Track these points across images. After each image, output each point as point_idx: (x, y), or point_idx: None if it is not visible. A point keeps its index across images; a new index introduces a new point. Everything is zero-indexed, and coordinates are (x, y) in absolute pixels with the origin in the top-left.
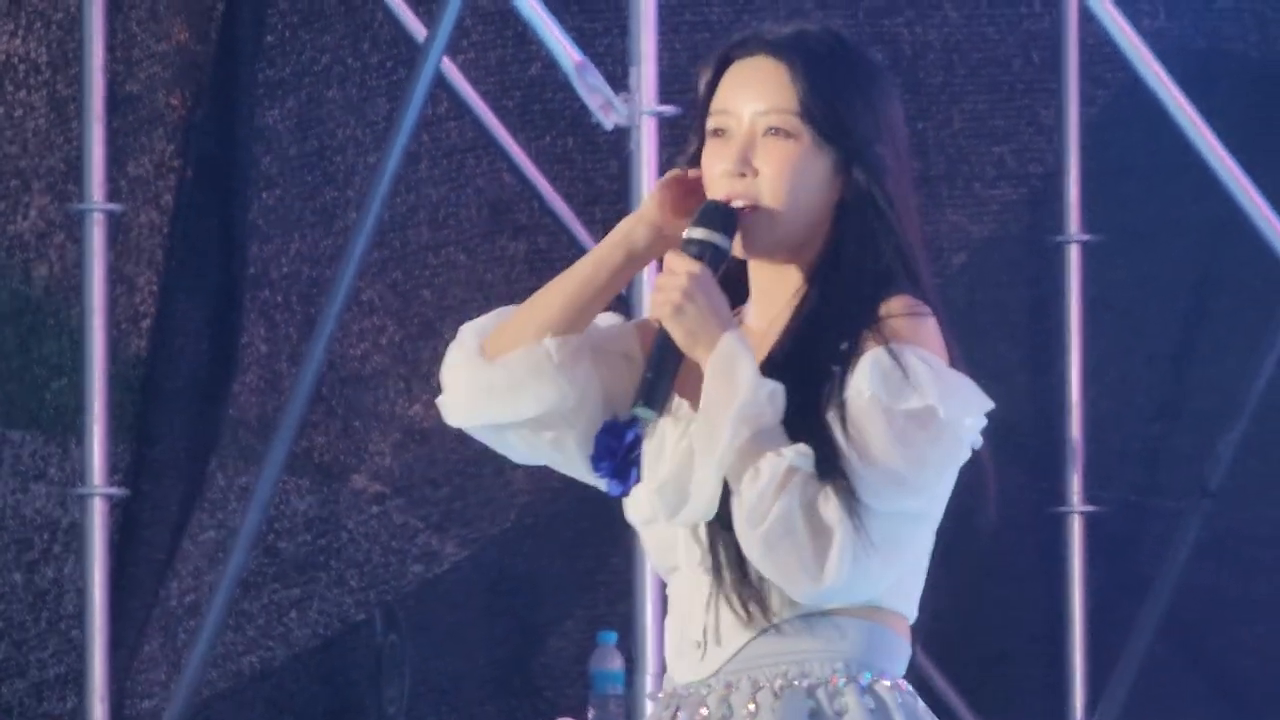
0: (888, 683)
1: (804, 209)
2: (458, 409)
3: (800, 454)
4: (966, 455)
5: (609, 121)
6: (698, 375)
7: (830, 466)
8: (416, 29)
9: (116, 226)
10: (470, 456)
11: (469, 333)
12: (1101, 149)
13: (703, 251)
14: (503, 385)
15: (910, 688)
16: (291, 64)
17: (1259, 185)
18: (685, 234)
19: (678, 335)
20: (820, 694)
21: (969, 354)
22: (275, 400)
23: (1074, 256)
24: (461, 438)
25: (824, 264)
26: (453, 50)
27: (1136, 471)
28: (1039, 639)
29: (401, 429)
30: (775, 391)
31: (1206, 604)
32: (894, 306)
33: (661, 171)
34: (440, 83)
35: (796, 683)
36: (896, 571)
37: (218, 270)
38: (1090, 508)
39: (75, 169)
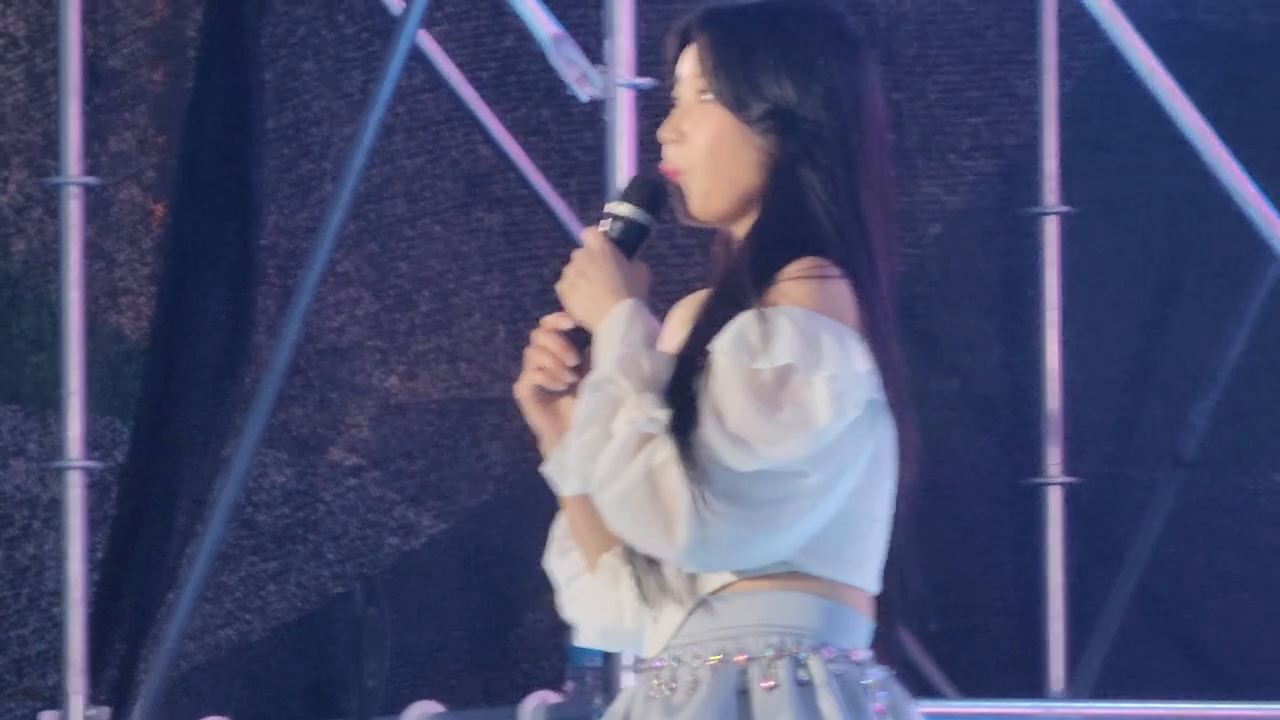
0: (828, 654)
1: (725, 177)
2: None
3: (652, 419)
4: (850, 415)
5: (584, 94)
6: None
7: (683, 431)
8: (392, 1)
9: (96, 201)
10: (447, 429)
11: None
12: (1078, 121)
13: (625, 227)
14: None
15: (865, 658)
16: (267, 36)
17: (1234, 156)
18: (607, 207)
19: (575, 310)
20: (753, 669)
21: (944, 326)
22: (254, 373)
23: (1051, 228)
24: (437, 410)
25: (750, 233)
26: (428, 22)
27: (1111, 442)
28: (1013, 611)
29: (378, 401)
30: (652, 357)
31: (1180, 574)
32: (791, 269)
33: (639, 143)
34: (416, 55)
35: (731, 657)
36: (792, 535)
37: (222, 245)
38: (1068, 478)
39: (54, 144)
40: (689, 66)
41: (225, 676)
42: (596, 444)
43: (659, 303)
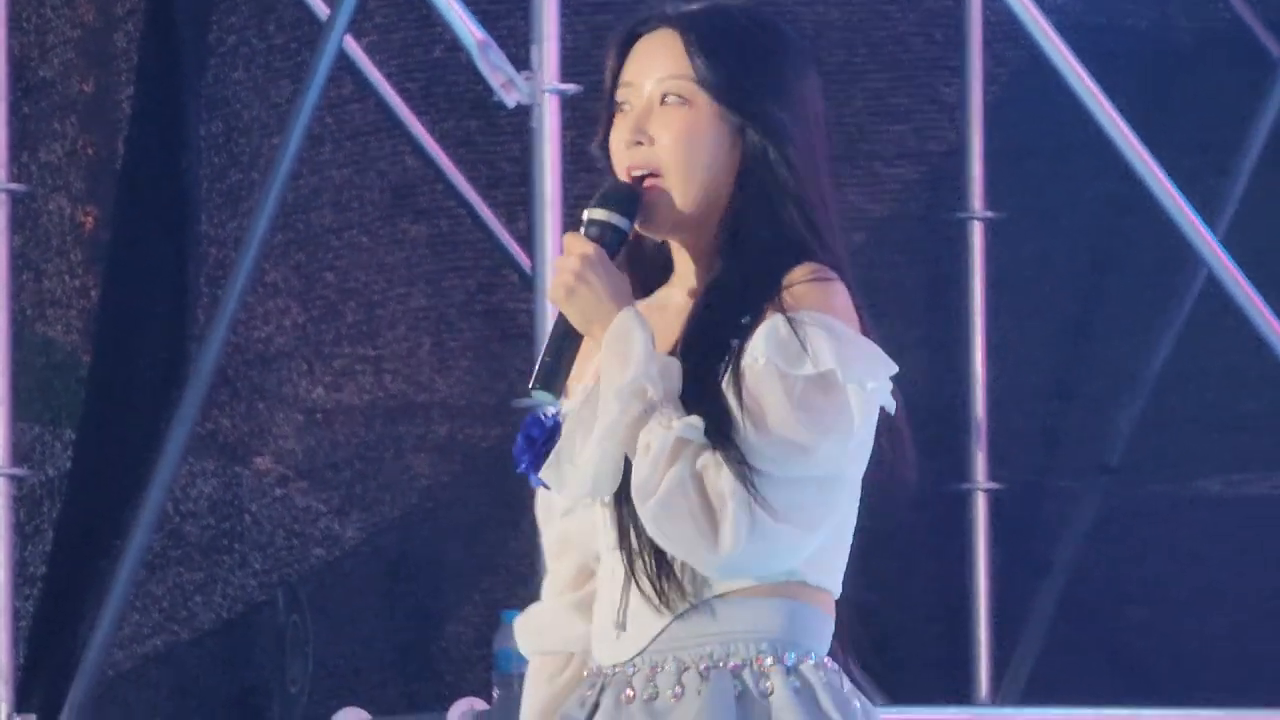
0: (812, 662)
1: (704, 177)
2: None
3: (689, 425)
4: (873, 420)
5: (511, 100)
6: None
7: (724, 437)
8: (320, 9)
9: (25, 213)
10: (371, 440)
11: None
12: (1003, 127)
13: (602, 232)
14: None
15: (835, 665)
16: (199, 45)
17: (1159, 161)
18: (585, 214)
19: (573, 317)
20: (746, 675)
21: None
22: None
23: (976, 234)
24: (363, 421)
25: (729, 235)
26: (356, 32)
27: (1036, 449)
28: (940, 617)
29: (303, 411)
30: (668, 365)
31: (1106, 581)
32: (797, 274)
33: (565, 150)
34: (344, 64)
35: (722, 664)
36: (813, 540)
37: (157, 255)
38: (994, 485)
39: None
40: (649, 67)
41: (151, 684)
42: (626, 452)
43: None
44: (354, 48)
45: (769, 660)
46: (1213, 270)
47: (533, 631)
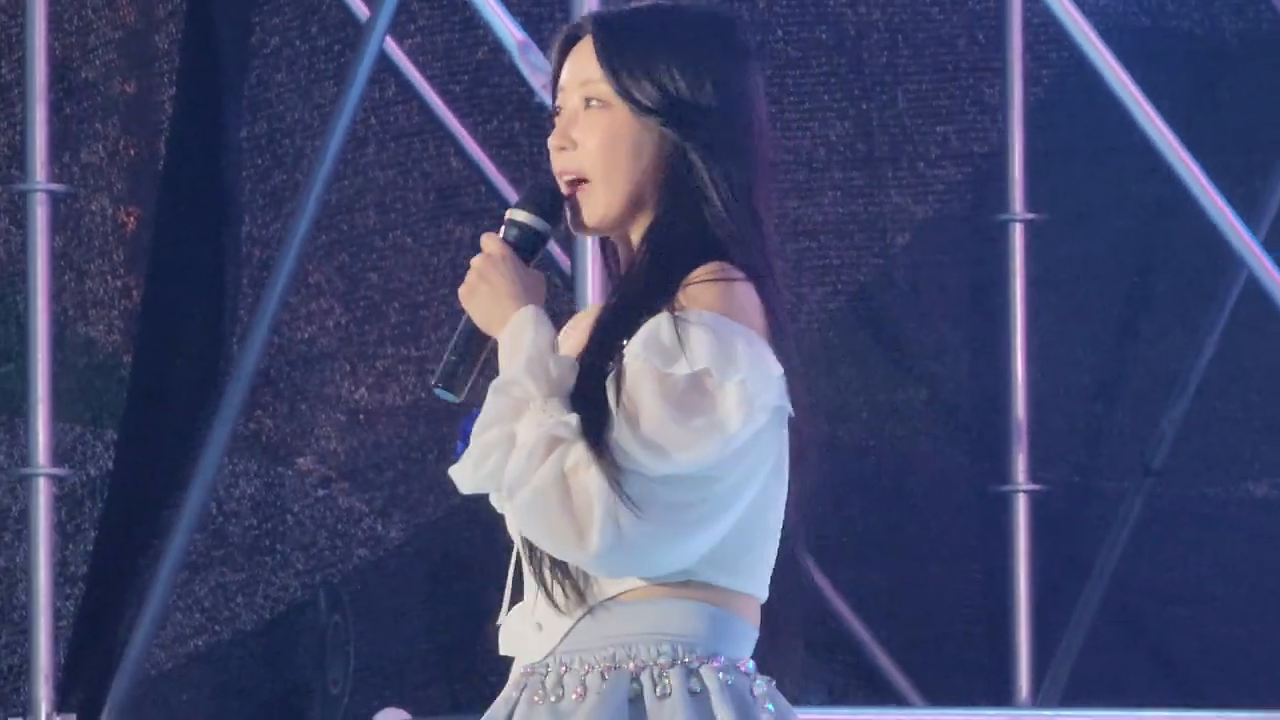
0: (717, 664)
1: (627, 179)
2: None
3: (564, 423)
4: (760, 421)
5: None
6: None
7: (597, 435)
8: (362, 11)
9: (67, 213)
10: (415, 441)
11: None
12: (1046, 128)
13: (521, 234)
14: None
15: (751, 668)
16: (241, 47)
17: (1202, 164)
18: (507, 214)
19: (475, 316)
20: (644, 677)
21: (911, 335)
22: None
23: (1018, 235)
24: (405, 421)
25: (648, 234)
26: (400, 34)
27: (1079, 451)
28: (980, 619)
29: (346, 412)
30: (560, 362)
31: (1149, 583)
32: (697, 273)
33: None
34: (388, 66)
35: (623, 665)
36: (695, 540)
37: (199, 257)
38: (1035, 486)
39: (19, 154)
40: (575, 72)
41: (194, 686)
42: (501, 446)
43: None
44: (396, 50)
45: (669, 661)
46: (1253, 272)
47: (505, 636)
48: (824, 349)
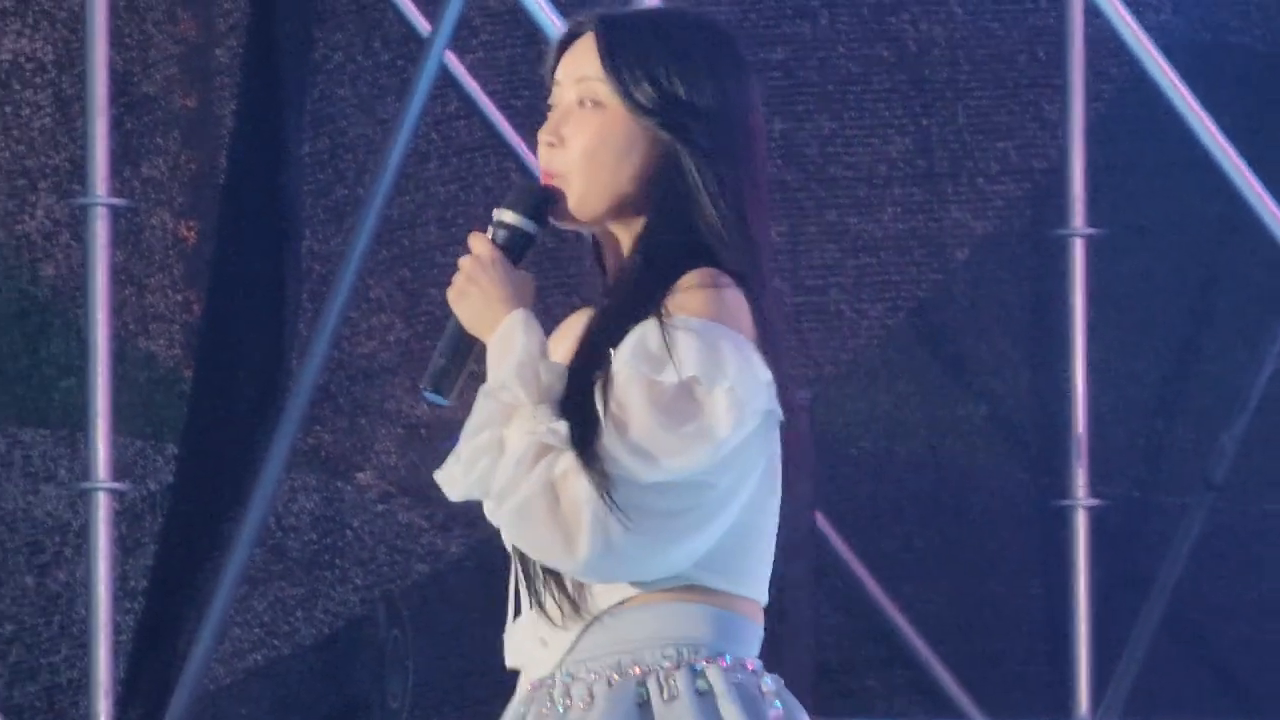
0: (724, 663)
1: (610, 180)
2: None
3: (553, 430)
4: (749, 426)
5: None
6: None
7: (586, 442)
8: (424, 26)
9: (127, 227)
10: None
11: None
12: (1106, 144)
13: (509, 235)
14: None
15: (758, 666)
16: (303, 62)
17: (1263, 180)
18: (495, 214)
19: (463, 318)
20: (651, 682)
21: (971, 350)
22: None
23: (1078, 251)
24: None
25: (640, 239)
26: (462, 49)
27: (1139, 466)
28: (1040, 634)
29: (406, 427)
30: (549, 369)
31: (1209, 598)
32: (686, 280)
33: None
34: (449, 81)
35: (628, 671)
36: (686, 546)
37: (260, 271)
38: (1095, 501)
39: (81, 168)
40: (573, 68)
41: (252, 700)
42: (490, 452)
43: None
44: (458, 65)
45: (675, 664)
46: None
47: (510, 648)
48: (883, 365)
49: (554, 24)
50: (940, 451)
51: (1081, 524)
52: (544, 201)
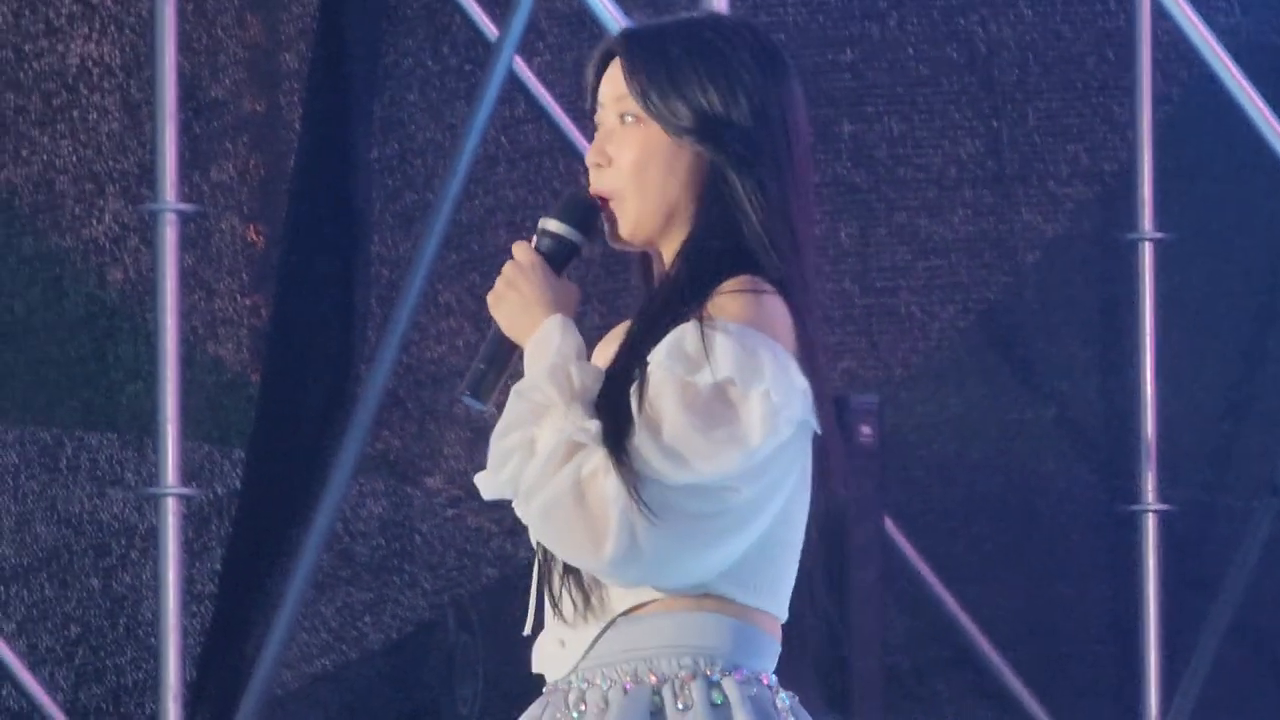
0: (740, 676)
1: (660, 195)
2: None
3: (583, 429)
4: (783, 434)
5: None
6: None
7: (618, 442)
8: (491, 31)
9: (196, 232)
10: None
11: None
12: (1175, 146)
13: (554, 243)
14: None
15: (774, 682)
16: (372, 67)
17: None
18: (540, 223)
19: (502, 323)
20: (666, 690)
21: (1041, 353)
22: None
23: (1147, 254)
24: None
25: (683, 247)
26: (528, 53)
27: (1207, 470)
28: (1109, 638)
29: (475, 431)
30: (583, 370)
31: (1277, 603)
32: (727, 285)
33: None
34: (517, 85)
35: (644, 679)
36: (712, 552)
37: (328, 276)
38: (1164, 505)
39: (149, 173)
40: (610, 89)
41: (320, 705)
42: (520, 450)
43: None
44: (525, 69)
45: (690, 674)
46: None
47: (536, 654)
48: (953, 367)
49: (618, 24)
50: (1009, 455)
51: (1151, 528)
52: (590, 212)
